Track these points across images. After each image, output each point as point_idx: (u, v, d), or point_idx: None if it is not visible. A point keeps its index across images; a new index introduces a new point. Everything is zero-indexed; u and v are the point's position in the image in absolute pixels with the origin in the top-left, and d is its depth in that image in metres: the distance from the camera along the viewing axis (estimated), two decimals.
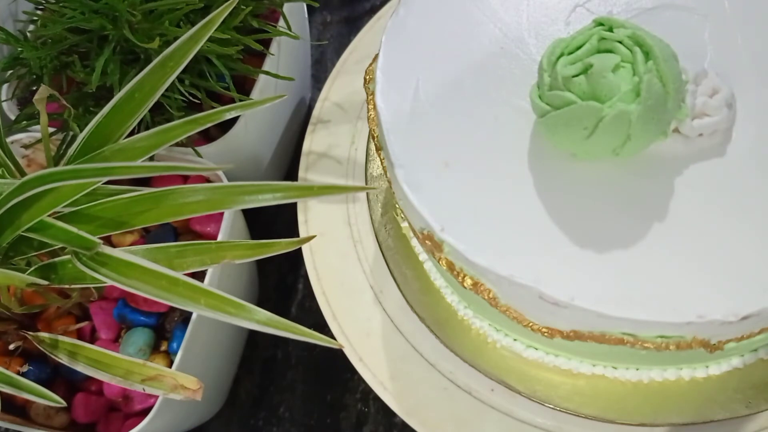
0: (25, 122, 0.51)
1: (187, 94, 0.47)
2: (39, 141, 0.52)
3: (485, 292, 0.37)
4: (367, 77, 0.44)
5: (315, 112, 0.58)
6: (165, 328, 0.49)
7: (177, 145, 0.44)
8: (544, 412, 0.45)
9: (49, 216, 0.37)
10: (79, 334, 0.48)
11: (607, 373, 0.43)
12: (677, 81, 0.34)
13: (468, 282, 0.37)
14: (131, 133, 0.41)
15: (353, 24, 0.71)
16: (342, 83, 0.59)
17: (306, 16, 0.61)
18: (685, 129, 0.37)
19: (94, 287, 0.44)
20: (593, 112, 0.34)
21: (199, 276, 0.41)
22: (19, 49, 0.48)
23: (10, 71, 0.50)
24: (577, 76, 0.35)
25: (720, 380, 0.42)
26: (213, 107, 0.41)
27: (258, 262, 0.59)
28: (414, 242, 0.48)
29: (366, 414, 0.56)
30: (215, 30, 0.41)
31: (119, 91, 0.41)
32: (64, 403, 0.37)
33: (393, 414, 0.48)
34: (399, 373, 0.48)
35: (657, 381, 0.43)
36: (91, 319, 0.49)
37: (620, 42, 0.34)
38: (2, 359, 0.47)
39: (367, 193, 0.51)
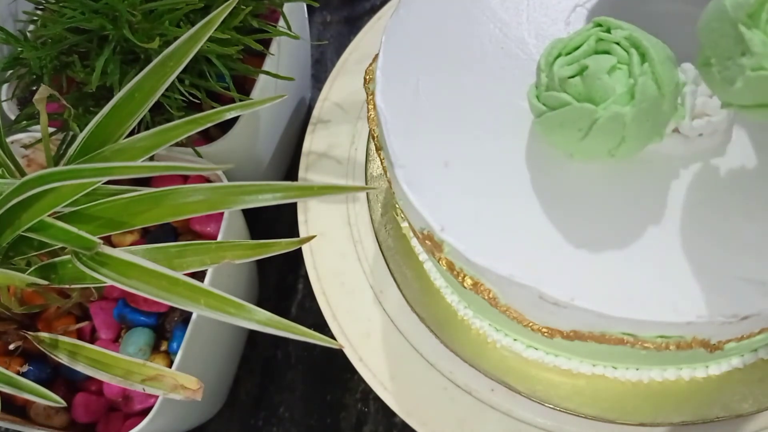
0: (25, 122, 0.51)
1: (187, 94, 0.47)
2: (39, 141, 0.52)
3: (485, 292, 0.37)
4: (367, 77, 0.44)
5: (315, 112, 0.58)
6: (165, 328, 0.49)
7: (177, 145, 0.44)
8: (544, 411, 0.45)
9: (49, 216, 0.37)
10: (79, 334, 0.48)
11: (607, 373, 0.43)
12: (673, 83, 0.34)
13: (468, 282, 0.37)
14: (131, 133, 0.41)
15: (353, 24, 0.72)
16: (342, 83, 0.59)
17: (306, 15, 0.61)
18: (684, 129, 0.37)
19: (94, 287, 0.44)
20: (587, 113, 0.34)
21: (199, 276, 0.41)
22: (19, 49, 0.48)
23: (10, 71, 0.50)
24: (573, 77, 0.35)
25: (720, 380, 0.42)
26: (213, 107, 0.41)
27: (258, 262, 0.59)
28: (414, 242, 0.48)
29: (366, 414, 0.56)
30: (215, 30, 0.41)
31: (119, 91, 0.41)
32: (64, 403, 0.37)
33: (393, 414, 0.48)
34: (399, 373, 0.48)
35: (657, 381, 0.43)
36: (91, 319, 0.49)
37: (617, 43, 0.34)
38: (2, 359, 0.47)
39: (367, 193, 0.51)
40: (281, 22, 0.53)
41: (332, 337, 0.48)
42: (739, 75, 0.31)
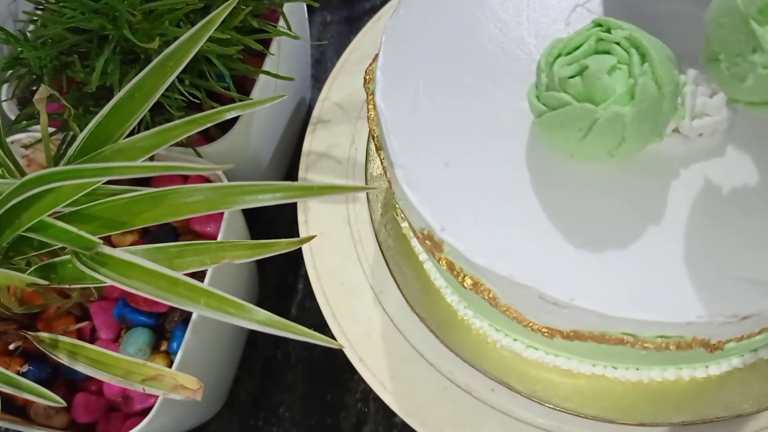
0: (25, 122, 0.51)
1: (187, 94, 0.47)
2: (39, 141, 0.52)
3: (485, 292, 0.37)
4: (367, 77, 0.44)
5: (315, 112, 0.58)
6: (165, 328, 0.49)
7: (177, 145, 0.44)
8: (544, 412, 0.45)
9: (49, 216, 0.37)
10: (79, 334, 0.48)
11: (607, 373, 0.43)
12: (673, 83, 0.34)
13: (468, 282, 0.37)
14: (131, 133, 0.41)
15: (353, 24, 0.72)
16: (342, 83, 0.59)
17: (306, 16, 0.61)
18: (684, 129, 0.37)
19: (94, 287, 0.44)
20: (587, 114, 0.34)
21: (199, 276, 0.41)
22: (19, 49, 0.48)
23: (10, 71, 0.50)
24: (573, 77, 0.35)
25: (720, 380, 0.42)
26: (213, 107, 0.41)
27: (258, 262, 0.59)
28: (414, 242, 0.48)
29: (366, 414, 0.56)
30: (215, 30, 0.41)
31: (119, 91, 0.41)
32: (64, 403, 0.37)
33: (393, 414, 0.48)
34: (399, 373, 0.48)
35: (657, 381, 0.43)
36: (91, 319, 0.49)
37: (617, 43, 0.34)
38: (2, 359, 0.47)
39: (367, 193, 0.51)
40: (281, 22, 0.53)
41: (332, 337, 0.48)
42: (750, 72, 0.30)
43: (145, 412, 0.45)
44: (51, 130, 0.47)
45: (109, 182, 0.38)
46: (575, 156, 0.37)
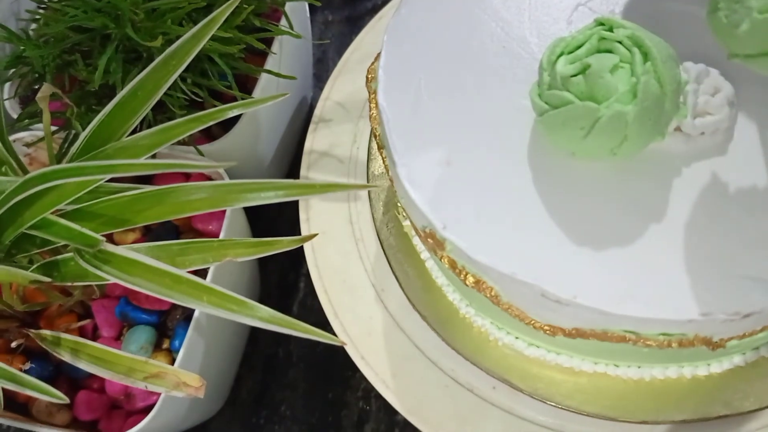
0: (27, 120, 0.51)
1: (189, 93, 0.47)
2: (41, 139, 0.52)
3: (487, 290, 0.37)
4: (369, 76, 0.44)
5: (317, 111, 0.59)
6: (167, 326, 0.49)
7: (179, 143, 0.44)
8: (546, 409, 0.45)
9: (51, 213, 0.37)
10: (81, 332, 0.48)
11: (608, 371, 0.43)
12: (675, 82, 0.34)
13: (470, 280, 0.37)
14: (133, 132, 0.41)
15: (355, 23, 0.72)
16: (344, 82, 0.59)
17: (308, 15, 0.61)
18: (686, 128, 0.37)
19: (96, 285, 0.44)
20: (590, 112, 0.34)
21: (201, 274, 0.41)
22: (22, 47, 0.48)
23: (13, 70, 0.50)
24: (575, 75, 0.35)
25: (722, 378, 0.42)
26: (215, 106, 0.41)
27: (260, 260, 0.59)
28: (416, 240, 0.48)
29: (368, 412, 0.56)
30: (217, 29, 0.41)
31: (122, 89, 0.41)
32: (66, 400, 0.37)
33: (394, 412, 0.48)
34: (401, 371, 0.49)
35: (659, 379, 0.43)
36: (93, 317, 0.49)
37: (620, 42, 0.34)
38: (4, 357, 0.47)
39: (369, 192, 0.51)
40: (283, 21, 0.53)
41: (334, 335, 0.48)
42: (746, 17, 0.30)
43: (147, 409, 0.45)
44: (53, 128, 0.47)
45: (111, 180, 0.38)
46: (577, 154, 0.37)
